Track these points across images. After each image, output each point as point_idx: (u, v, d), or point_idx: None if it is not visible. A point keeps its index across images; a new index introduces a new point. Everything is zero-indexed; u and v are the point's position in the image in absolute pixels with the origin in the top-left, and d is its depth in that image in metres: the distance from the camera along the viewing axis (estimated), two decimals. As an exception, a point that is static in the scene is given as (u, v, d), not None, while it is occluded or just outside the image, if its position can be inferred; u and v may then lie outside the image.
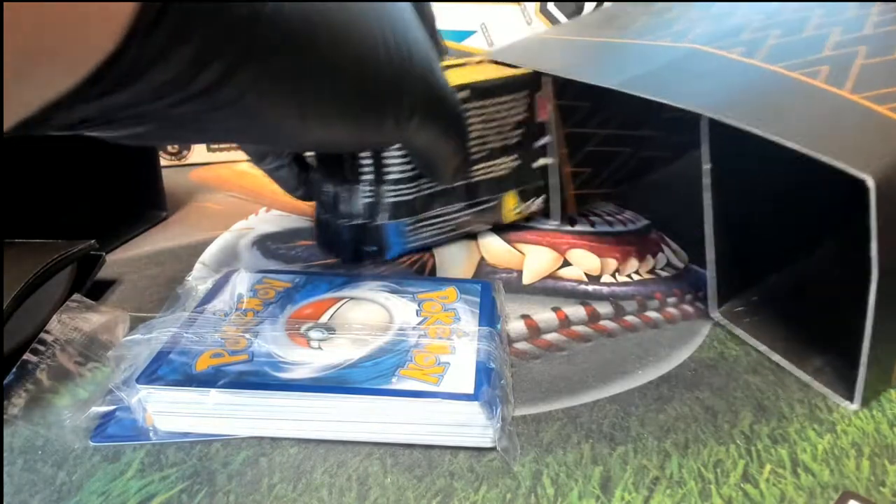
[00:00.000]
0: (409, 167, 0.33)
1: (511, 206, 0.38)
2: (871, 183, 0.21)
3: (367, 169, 0.33)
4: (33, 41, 0.13)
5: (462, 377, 0.24)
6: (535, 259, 0.36)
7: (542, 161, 0.38)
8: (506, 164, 0.37)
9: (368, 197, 0.33)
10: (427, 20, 0.30)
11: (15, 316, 0.26)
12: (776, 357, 0.28)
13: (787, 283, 0.33)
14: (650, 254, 0.37)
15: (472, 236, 0.38)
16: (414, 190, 0.34)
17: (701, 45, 0.32)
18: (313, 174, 0.33)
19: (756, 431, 0.24)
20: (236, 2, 0.16)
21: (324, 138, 0.22)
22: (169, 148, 0.50)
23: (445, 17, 0.55)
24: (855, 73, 0.27)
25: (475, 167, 0.36)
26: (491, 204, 0.37)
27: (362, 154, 0.33)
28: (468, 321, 0.27)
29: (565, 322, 0.31)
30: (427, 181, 0.34)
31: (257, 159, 0.32)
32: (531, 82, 0.36)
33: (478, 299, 0.29)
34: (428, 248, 0.37)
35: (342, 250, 0.36)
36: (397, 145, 0.30)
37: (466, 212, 0.37)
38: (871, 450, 0.24)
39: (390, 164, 0.33)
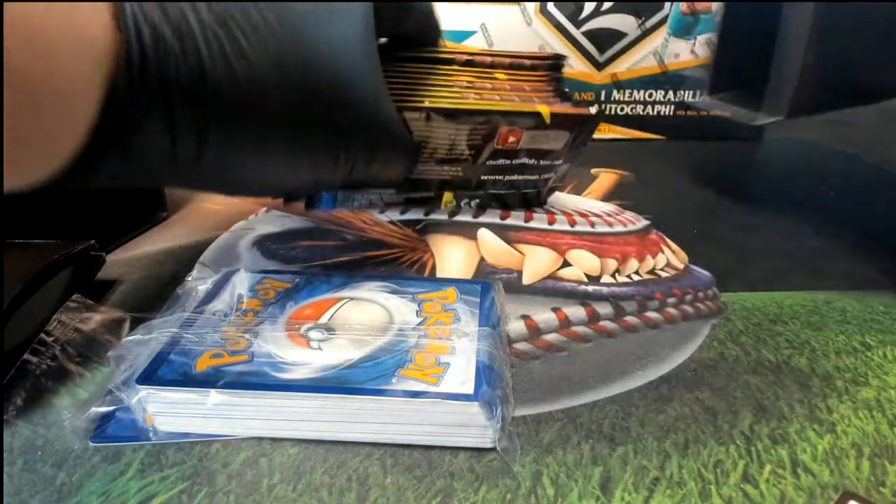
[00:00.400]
0: None
1: (447, 199, 0.39)
2: None
3: None
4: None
5: (462, 377, 0.24)
6: (535, 259, 0.36)
7: (487, 176, 0.38)
8: (449, 172, 0.37)
9: None
10: (419, 14, 0.31)
11: (15, 316, 0.26)
12: None
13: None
14: (650, 254, 0.37)
15: (472, 236, 0.38)
16: None
17: None
18: None
19: (756, 431, 0.24)
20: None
21: (259, 187, 0.25)
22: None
23: (445, 18, 0.55)
24: None
25: (419, 167, 0.35)
26: (427, 196, 0.38)
27: None
28: (468, 321, 0.27)
29: (565, 322, 0.31)
30: None
31: None
32: (498, 115, 0.34)
33: (478, 299, 0.29)
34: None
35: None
36: None
37: (401, 196, 0.37)
38: (871, 450, 0.24)
39: None
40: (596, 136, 0.56)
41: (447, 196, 0.39)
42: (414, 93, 0.33)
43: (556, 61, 0.38)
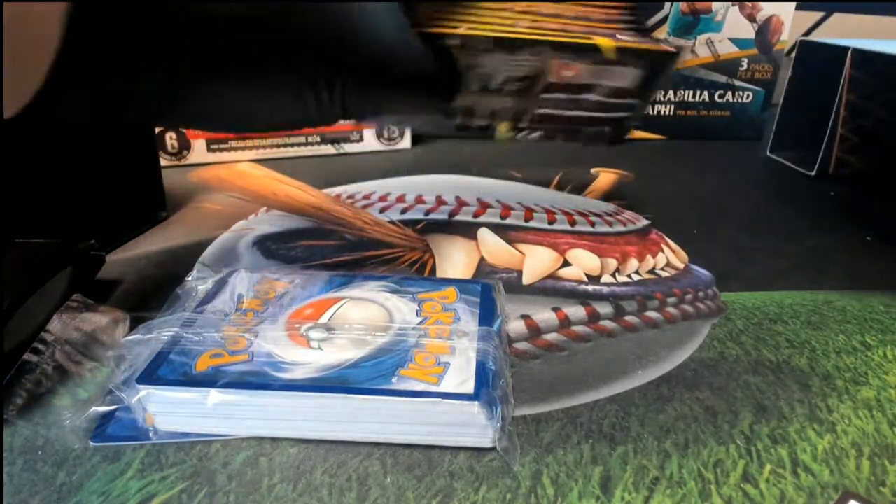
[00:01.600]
0: None
1: (502, 130, 0.34)
2: None
3: None
4: None
5: (462, 377, 0.24)
6: (535, 259, 0.36)
7: (543, 110, 0.33)
8: (499, 102, 0.32)
9: None
10: None
11: (15, 316, 0.26)
12: None
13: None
14: (650, 254, 0.37)
15: (472, 236, 0.38)
16: None
17: None
18: None
19: (756, 431, 0.24)
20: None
21: (238, 119, 0.25)
22: (169, 148, 0.50)
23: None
24: None
25: (462, 97, 0.31)
26: (481, 124, 0.34)
27: None
28: (468, 321, 0.27)
29: (565, 322, 0.31)
30: None
31: None
32: (547, 47, 0.29)
33: (478, 299, 0.29)
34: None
35: None
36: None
37: (451, 122, 0.33)
38: (871, 450, 0.24)
39: None
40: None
41: (502, 127, 0.34)
42: (454, 16, 0.29)
43: None
